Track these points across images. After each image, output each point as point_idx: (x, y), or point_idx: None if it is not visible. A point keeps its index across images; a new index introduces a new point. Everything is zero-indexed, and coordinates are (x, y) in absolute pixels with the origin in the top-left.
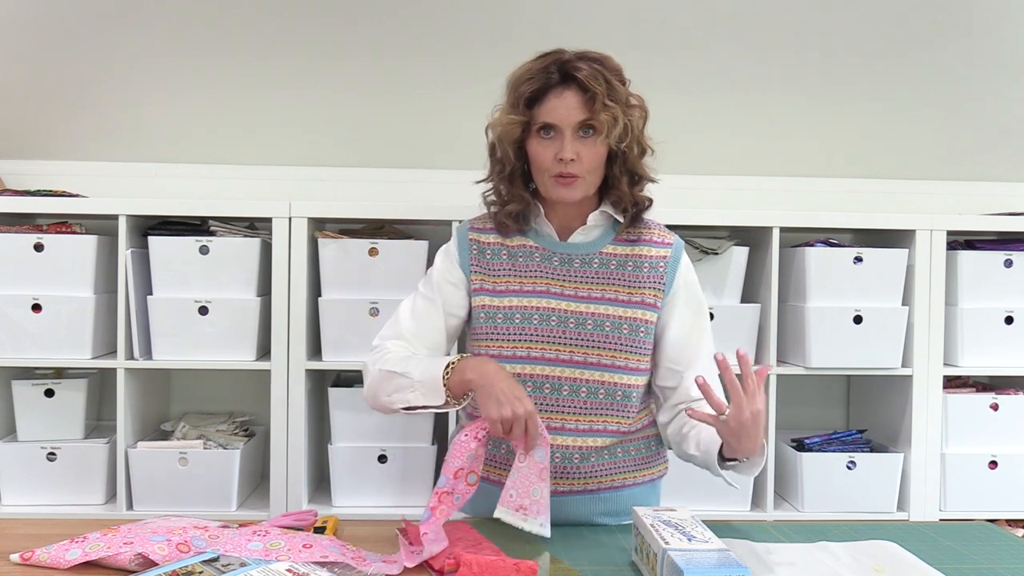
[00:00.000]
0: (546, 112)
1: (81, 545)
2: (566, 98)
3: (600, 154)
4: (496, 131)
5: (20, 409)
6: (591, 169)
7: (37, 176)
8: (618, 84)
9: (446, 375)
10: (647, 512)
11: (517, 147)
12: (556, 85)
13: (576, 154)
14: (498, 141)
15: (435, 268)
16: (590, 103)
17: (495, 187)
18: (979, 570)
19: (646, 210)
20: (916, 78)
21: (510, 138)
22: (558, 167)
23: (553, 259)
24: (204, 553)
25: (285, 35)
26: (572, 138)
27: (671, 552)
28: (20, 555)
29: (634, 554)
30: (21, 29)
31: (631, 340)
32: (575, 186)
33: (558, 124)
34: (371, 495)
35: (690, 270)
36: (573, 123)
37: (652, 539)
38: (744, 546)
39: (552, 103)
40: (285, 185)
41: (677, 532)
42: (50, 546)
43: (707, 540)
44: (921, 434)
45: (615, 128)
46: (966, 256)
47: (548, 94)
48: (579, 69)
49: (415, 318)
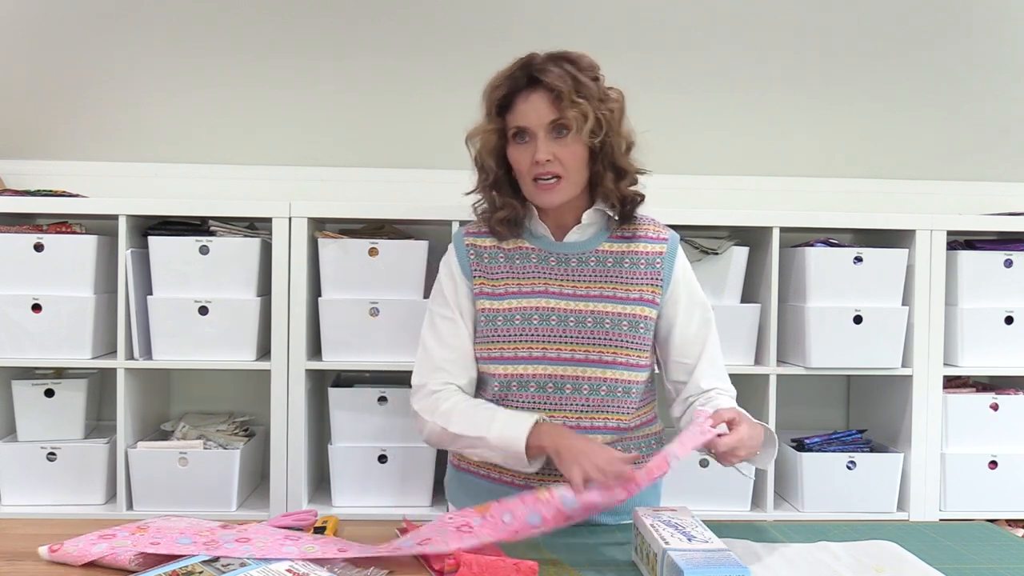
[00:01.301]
0: (517, 117)
1: (110, 541)
2: (533, 100)
3: (577, 153)
4: (475, 142)
5: (20, 409)
6: (571, 169)
7: (37, 176)
8: (587, 80)
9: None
10: (647, 512)
11: (499, 155)
12: (523, 89)
13: (552, 155)
14: (479, 152)
15: (443, 285)
16: (558, 102)
17: (484, 197)
18: (979, 570)
19: (638, 205)
20: (916, 78)
21: (489, 147)
22: (535, 170)
23: (550, 259)
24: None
25: (285, 35)
26: (546, 139)
27: (671, 552)
28: (48, 547)
29: (634, 554)
30: (21, 29)
31: (631, 336)
32: (556, 189)
33: (529, 127)
34: (371, 495)
35: (687, 264)
36: (544, 124)
37: (652, 539)
38: (744, 546)
39: (521, 107)
40: (285, 185)
41: (677, 532)
42: (79, 539)
43: (707, 540)
44: (921, 434)
45: (586, 124)
46: (966, 256)
47: (517, 99)
48: (544, 71)
49: (443, 344)
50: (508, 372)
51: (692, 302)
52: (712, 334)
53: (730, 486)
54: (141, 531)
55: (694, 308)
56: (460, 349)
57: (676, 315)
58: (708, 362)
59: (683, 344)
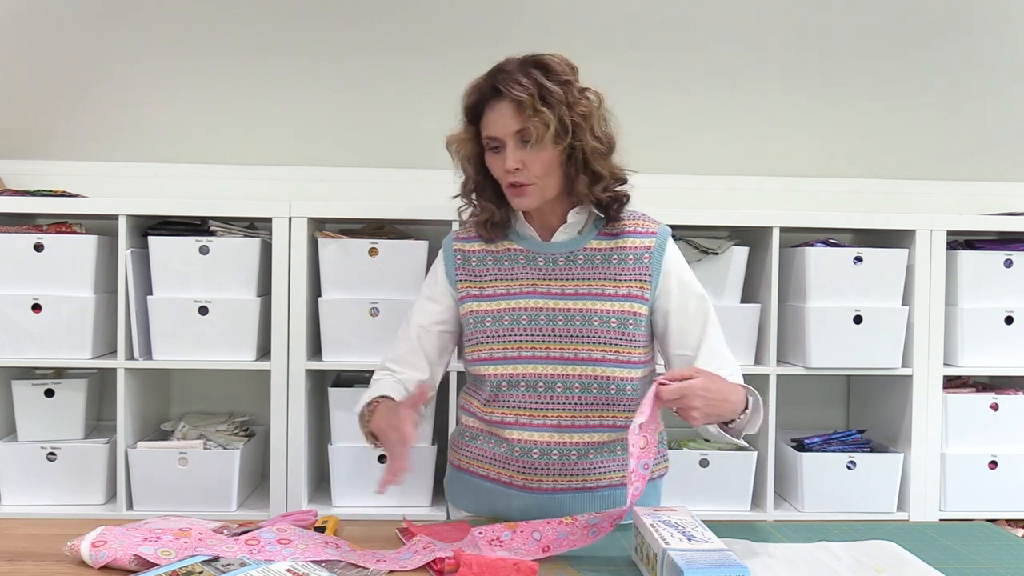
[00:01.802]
0: (487, 126)
1: (154, 545)
2: (500, 109)
3: (545, 159)
4: (453, 148)
5: (20, 409)
6: (540, 175)
7: (37, 176)
8: (554, 86)
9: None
10: (647, 512)
11: (478, 161)
12: (491, 98)
13: (520, 162)
14: (458, 158)
15: (426, 282)
16: (521, 112)
17: (466, 201)
18: (979, 570)
19: (623, 205)
20: (916, 78)
21: (467, 154)
22: (507, 178)
23: (538, 260)
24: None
25: (285, 35)
26: (515, 148)
27: (671, 552)
28: (91, 543)
29: (634, 554)
30: (21, 29)
31: (620, 333)
32: (527, 194)
33: (498, 135)
34: (371, 495)
35: (677, 255)
36: (510, 133)
37: (652, 539)
38: (744, 546)
39: (490, 116)
40: (285, 185)
41: (677, 532)
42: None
43: (707, 540)
44: (921, 434)
45: (548, 131)
46: (966, 256)
47: (486, 108)
48: (508, 81)
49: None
50: (499, 372)
51: (685, 292)
52: (710, 322)
53: (730, 486)
54: (184, 533)
55: (688, 298)
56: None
57: (669, 307)
58: (708, 351)
59: (680, 335)
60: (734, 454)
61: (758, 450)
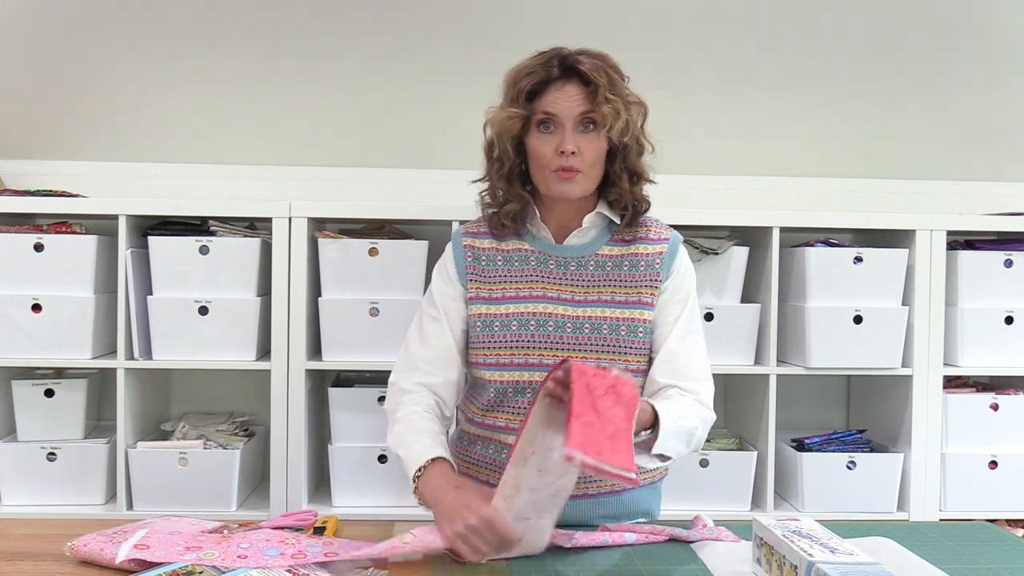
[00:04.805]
0: (547, 104)
1: (196, 552)
2: (567, 91)
3: (601, 149)
4: (495, 127)
5: (20, 409)
6: (591, 163)
7: (37, 176)
8: (618, 80)
9: (415, 485)
10: (771, 522)
11: (516, 144)
12: (557, 79)
13: (577, 147)
14: (497, 137)
15: (434, 285)
16: (592, 96)
17: (492, 187)
18: (979, 570)
19: (643, 212)
20: (916, 78)
21: (509, 134)
22: (559, 161)
23: (549, 262)
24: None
25: (285, 35)
26: (573, 131)
27: (821, 565)
28: (134, 544)
29: (755, 565)
30: (21, 29)
31: (629, 341)
32: (575, 181)
33: (559, 115)
34: (371, 495)
35: (687, 264)
36: (574, 115)
37: (787, 550)
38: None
39: (553, 95)
40: (285, 185)
41: (815, 544)
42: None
43: (851, 552)
44: (921, 434)
45: (617, 121)
46: (966, 256)
47: (549, 87)
48: (581, 62)
49: (424, 344)
50: (505, 379)
51: (674, 298)
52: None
53: (730, 486)
54: (225, 540)
55: (674, 304)
56: (441, 349)
57: (660, 311)
58: (667, 355)
59: (658, 340)
60: (734, 454)
61: (758, 450)
